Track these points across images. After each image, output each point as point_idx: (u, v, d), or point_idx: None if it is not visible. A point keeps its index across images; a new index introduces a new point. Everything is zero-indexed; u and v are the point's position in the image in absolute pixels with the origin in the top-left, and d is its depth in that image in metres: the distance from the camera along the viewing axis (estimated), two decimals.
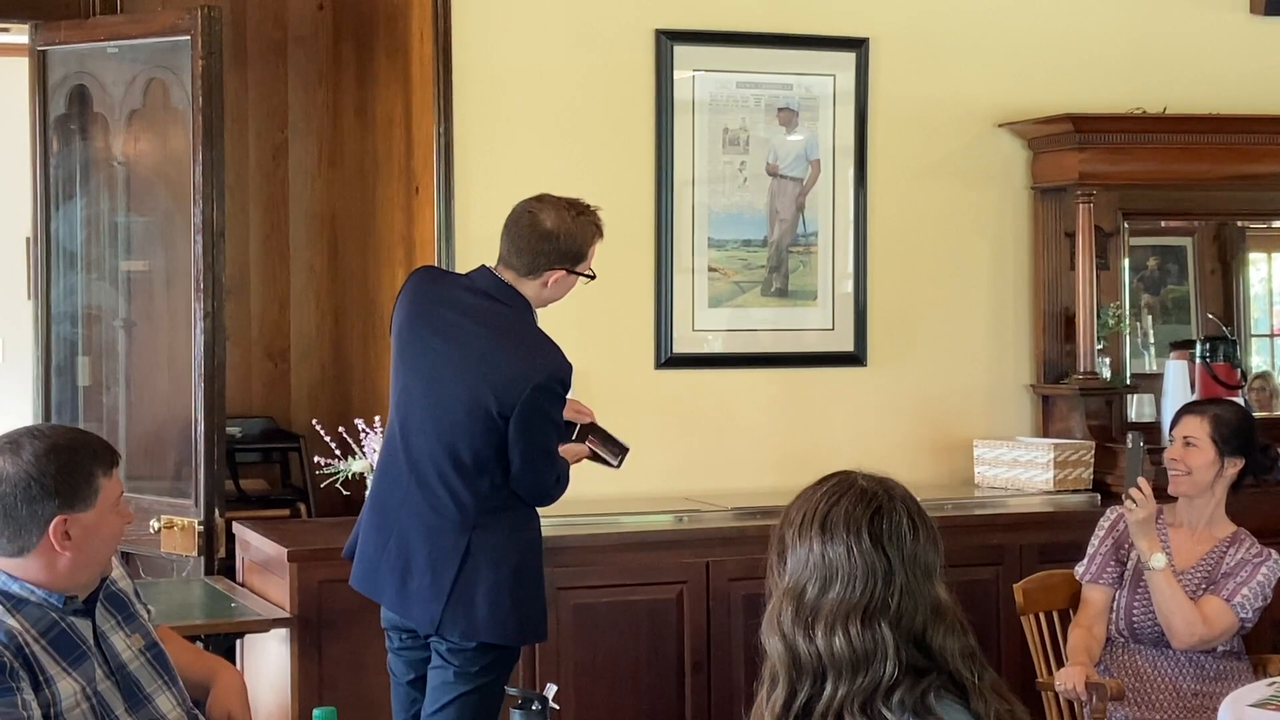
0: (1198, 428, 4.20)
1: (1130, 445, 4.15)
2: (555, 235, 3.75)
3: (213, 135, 4.98)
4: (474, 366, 3.69)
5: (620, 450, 3.98)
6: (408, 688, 3.83)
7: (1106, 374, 5.36)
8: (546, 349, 3.74)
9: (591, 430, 3.95)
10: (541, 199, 3.83)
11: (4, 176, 6.58)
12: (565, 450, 3.89)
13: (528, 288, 3.77)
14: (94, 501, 2.74)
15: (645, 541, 4.63)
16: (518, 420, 3.64)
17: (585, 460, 3.97)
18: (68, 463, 2.72)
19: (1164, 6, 5.59)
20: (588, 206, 3.84)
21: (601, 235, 3.84)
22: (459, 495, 3.69)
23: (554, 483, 3.76)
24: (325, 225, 5.90)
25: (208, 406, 4.96)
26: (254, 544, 4.74)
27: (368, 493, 4.02)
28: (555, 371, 3.70)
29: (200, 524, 4.95)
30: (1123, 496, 4.10)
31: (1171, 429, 4.32)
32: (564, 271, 3.78)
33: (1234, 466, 4.20)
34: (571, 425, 3.95)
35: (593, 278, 3.86)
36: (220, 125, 5.04)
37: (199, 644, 3.90)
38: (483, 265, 3.84)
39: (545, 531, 4.53)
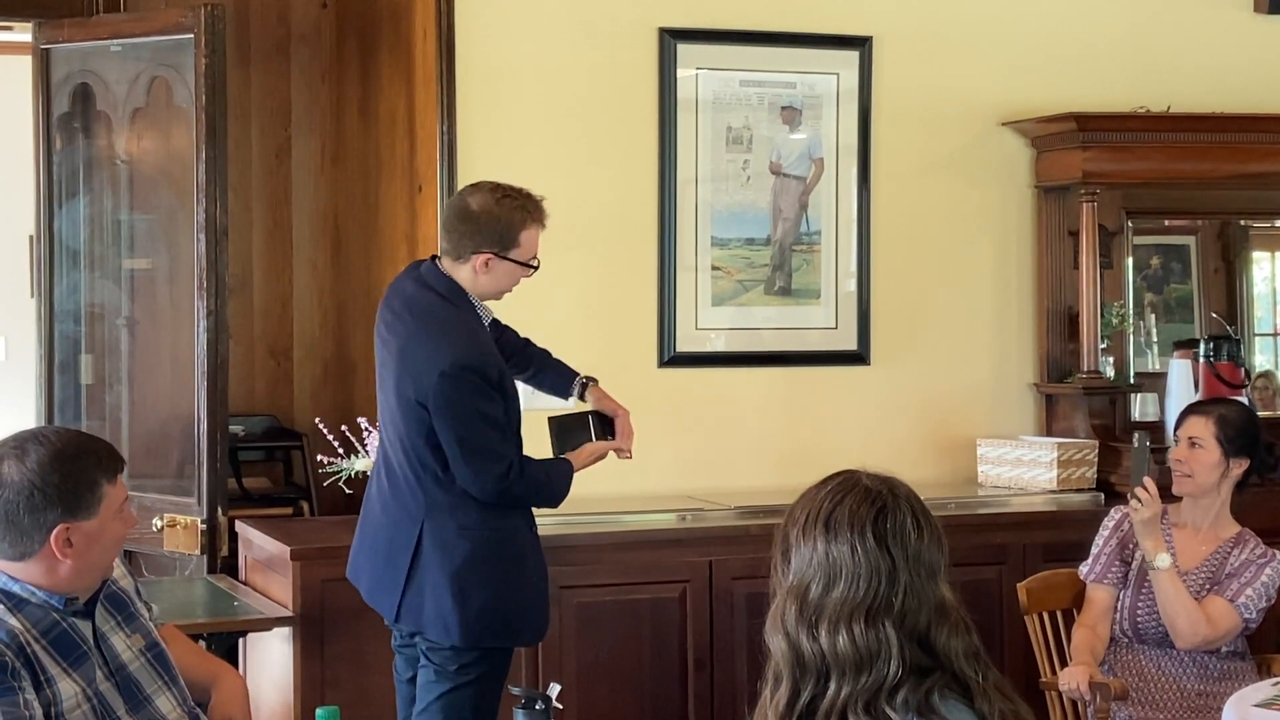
0: (1203, 428, 4.19)
1: (1135, 445, 4.15)
2: (477, 216, 3.71)
3: (216, 133, 4.98)
4: (400, 356, 3.72)
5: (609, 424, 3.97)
6: (408, 685, 3.85)
7: (1110, 373, 5.36)
8: (457, 336, 3.67)
9: (594, 418, 3.95)
10: (476, 185, 3.81)
11: (7, 174, 6.59)
12: (593, 448, 3.89)
13: (463, 275, 3.73)
14: (97, 510, 2.73)
15: (648, 540, 4.63)
16: (433, 410, 3.63)
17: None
18: (72, 471, 2.70)
19: (1168, 5, 5.58)
20: (524, 193, 3.77)
21: (536, 222, 3.74)
22: (411, 488, 3.71)
23: (501, 478, 3.63)
24: (328, 223, 5.90)
25: (210, 404, 4.96)
26: (257, 542, 4.74)
27: None
28: (460, 358, 3.61)
29: (203, 522, 4.95)
30: (1128, 496, 4.09)
31: (1176, 429, 4.31)
32: (492, 255, 3.71)
33: (1239, 467, 4.20)
34: (579, 420, 3.94)
35: (534, 268, 3.78)
36: (223, 123, 5.04)
37: (201, 643, 3.89)
38: (432, 255, 3.84)
39: (547, 530, 4.53)
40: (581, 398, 4.05)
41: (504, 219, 3.71)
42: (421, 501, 3.70)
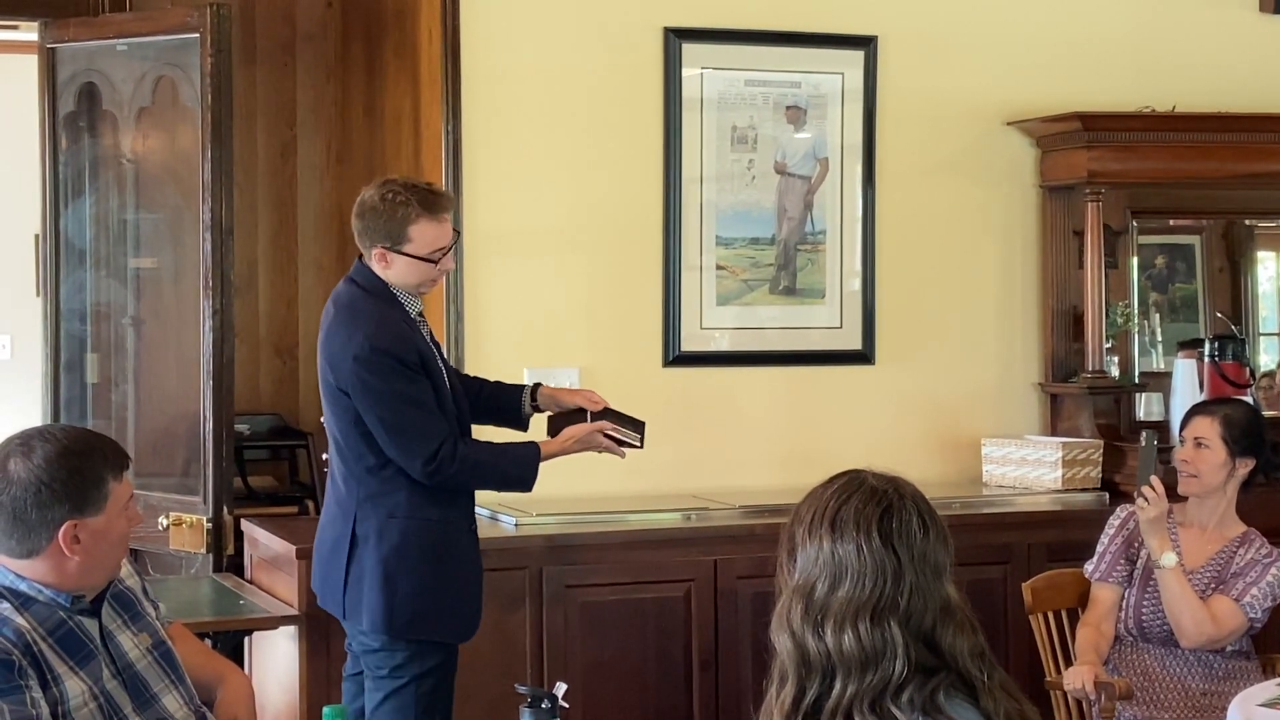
0: (1208, 428, 4.19)
1: (1143, 443, 4.15)
2: (365, 212, 3.73)
3: (222, 133, 4.99)
4: (321, 347, 3.77)
5: (638, 426, 3.96)
6: (351, 681, 3.89)
7: (1115, 372, 5.36)
8: (365, 321, 3.68)
9: (605, 415, 3.94)
10: (383, 178, 3.82)
11: (13, 173, 6.60)
12: (573, 433, 3.88)
13: (376, 268, 3.75)
14: (104, 506, 2.73)
15: (653, 539, 4.63)
16: (353, 395, 3.66)
17: (601, 450, 3.94)
18: (79, 467, 2.71)
19: (1173, 4, 5.58)
20: (414, 186, 3.74)
21: (426, 215, 3.70)
22: (347, 481, 3.75)
23: (429, 459, 3.64)
24: (333, 222, 5.90)
25: (216, 404, 4.97)
26: (262, 541, 4.74)
27: None
28: (369, 340, 3.64)
29: (209, 521, 4.96)
30: (1134, 494, 4.09)
31: (1181, 429, 4.30)
32: (385, 250, 3.71)
33: (1245, 466, 4.20)
34: (579, 415, 3.94)
35: (434, 262, 3.74)
36: (229, 123, 5.04)
37: (207, 641, 3.90)
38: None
39: (552, 529, 4.56)
40: (534, 399, 4.02)
41: (386, 214, 3.71)
42: (355, 493, 3.73)
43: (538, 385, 4.05)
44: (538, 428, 4.05)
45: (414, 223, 3.71)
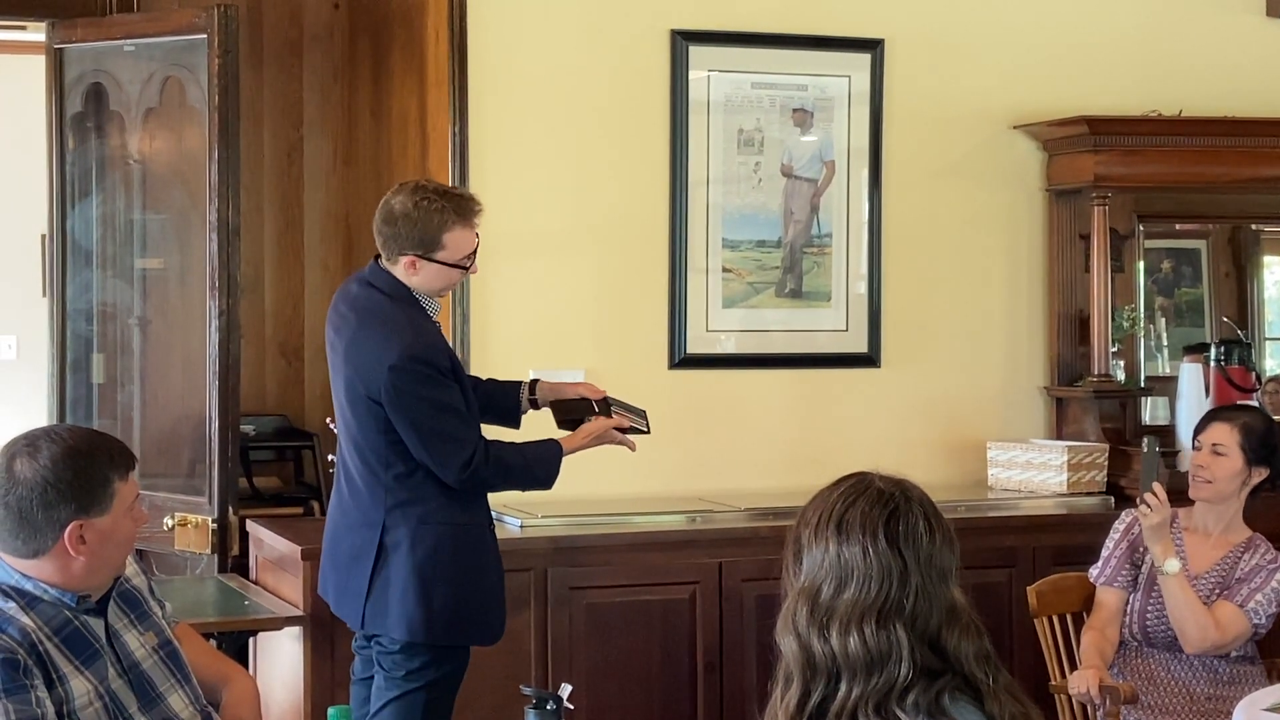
0: (1227, 435, 4.17)
1: (1146, 449, 4.14)
2: (397, 219, 3.71)
3: (229, 134, 4.99)
4: (346, 354, 3.73)
5: (640, 414, 3.99)
6: (362, 685, 3.88)
7: (1120, 377, 5.35)
8: (401, 330, 3.67)
9: (608, 403, 3.95)
10: (409, 183, 3.80)
11: (20, 174, 6.60)
12: (591, 429, 3.89)
13: (400, 274, 3.74)
14: (109, 506, 2.74)
15: (658, 541, 4.63)
16: (387, 404, 3.64)
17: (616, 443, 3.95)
18: (84, 467, 2.71)
19: (1180, 9, 5.58)
20: (448, 193, 3.75)
21: (461, 222, 3.71)
22: (371, 488, 3.72)
23: (465, 465, 3.65)
24: (340, 224, 5.91)
25: (222, 404, 4.97)
26: (267, 542, 4.75)
27: None
28: (407, 349, 3.63)
29: (214, 521, 4.96)
30: (1137, 500, 4.09)
31: (1198, 434, 4.26)
32: (416, 257, 3.70)
33: (1259, 475, 4.18)
34: (585, 403, 3.95)
35: (465, 268, 3.76)
36: (236, 124, 5.05)
37: (212, 642, 3.90)
38: (376, 253, 3.83)
39: (558, 530, 4.57)
40: (533, 394, 4.04)
41: (422, 221, 3.68)
42: (381, 502, 3.71)
43: (535, 381, 4.05)
44: (530, 427, 4.06)
45: (449, 230, 3.70)
